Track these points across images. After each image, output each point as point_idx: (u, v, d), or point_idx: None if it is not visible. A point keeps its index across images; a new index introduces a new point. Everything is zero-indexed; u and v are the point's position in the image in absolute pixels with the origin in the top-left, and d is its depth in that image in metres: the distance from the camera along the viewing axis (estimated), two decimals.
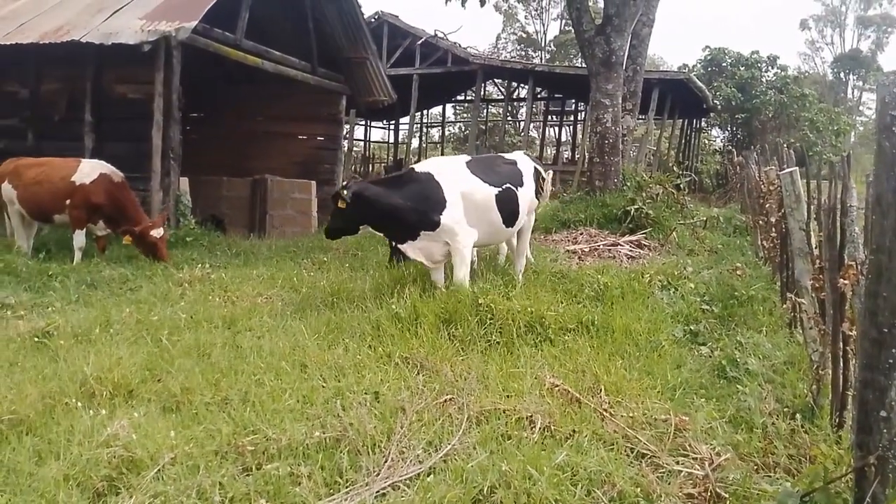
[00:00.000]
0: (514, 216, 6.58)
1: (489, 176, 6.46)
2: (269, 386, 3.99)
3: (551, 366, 4.53)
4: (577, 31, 13.90)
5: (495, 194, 6.37)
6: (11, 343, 4.72)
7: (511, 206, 6.51)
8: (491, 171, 6.60)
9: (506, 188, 6.46)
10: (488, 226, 6.39)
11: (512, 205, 6.52)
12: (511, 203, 6.52)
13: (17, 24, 9.85)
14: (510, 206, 6.48)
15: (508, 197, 6.48)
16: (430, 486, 2.81)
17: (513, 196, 6.55)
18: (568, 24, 51.20)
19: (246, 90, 14.29)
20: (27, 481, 2.91)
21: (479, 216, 6.28)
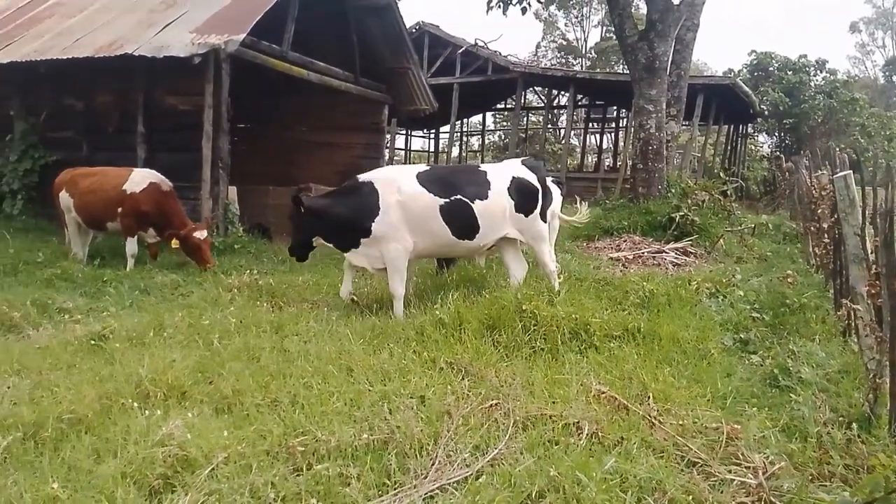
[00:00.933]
0: (468, 228, 6.34)
1: (439, 187, 6.32)
2: (316, 389, 4.06)
3: (597, 373, 4.50)
4: (619, 37, 13.80)
5: (440, 205, 6.24)
6: (69, 346, 4.89)
7: (463, 219, 6.30)
8: (445, 181, 6.43)
9: (455, 199, 6.26)
10: (433, 237, 6.32)
11: (464, 217, 6.30)
12: (462, 215, 6.30)
13: (73, 38, 10.24)
14: (461, 218, 6.29)
15: (458, 209, 6.27)
16: (478, 490, 2.82)
17: (464, 208, 6.30)
18: (609, 30, 50.91)
19: (290, 101, 14.56)
20: (87, 478, 3.00)
21: (420, 226, 6.24)
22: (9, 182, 10.55)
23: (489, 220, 6.39)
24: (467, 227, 6.35)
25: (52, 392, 3.91)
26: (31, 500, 2.79)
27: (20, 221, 10.18)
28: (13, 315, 5.57)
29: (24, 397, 3.85)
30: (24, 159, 10.52)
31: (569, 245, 10.37)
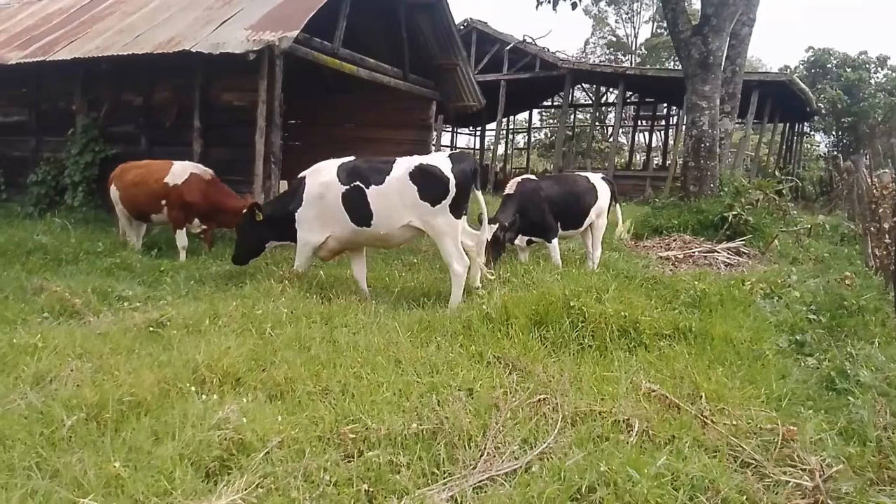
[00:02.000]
0: (363, 215, 6.49)
1: (347, 175, 6.59)
2: (366, 379, 4.11)
3: (646, 371, 4.45)
4: (672, 33, 13.57)
5: (342, 192, 6.52)
6: (128, 332, 5.05)
7: (358, 205, 6.48)
8: (354, 170, 6.65)
9: (354, 186, 6.49)
10: (341, 224, 6.60)
11: (358, 203, 6.48)
12: (357, 201, 6.48)
13: (134, 35, 10.56)
14: (356, 204, 6.47)
15: (355, 195, 6.48)
16: (528, 482, 2.82)
17: (360, 194, 6.47)
18: (660, 26, 50.05)
19: (339, 98, 14.75)
20: (146, 458, 3.10)
21: (331, 214, 6.60)
22: (71, 174, 10.95)
23: (384, 206, 6.44)
24: (362, 214, 6.51)
25: (112, 375, 4.05)
26: (94, 478, 2.90)
27: (81, 213, 10.55)
28: (75, 302, 5.78)
29: (86, 380, 4.00)
30: (86, 153, 10.91)
31: (617, 243, 10.23)
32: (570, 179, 8.93)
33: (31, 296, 5.90)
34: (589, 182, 8.49)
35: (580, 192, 8.29)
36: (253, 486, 2.75)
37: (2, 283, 6.19)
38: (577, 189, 8.33)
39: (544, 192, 7.97)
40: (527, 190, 7.95)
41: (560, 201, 8.04)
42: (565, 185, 8.40)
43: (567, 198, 8.14)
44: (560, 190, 8.19)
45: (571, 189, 8.30)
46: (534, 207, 7.86)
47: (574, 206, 8.17)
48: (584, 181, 8.53)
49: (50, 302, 5.71)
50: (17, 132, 12.50)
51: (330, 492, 2.75)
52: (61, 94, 11.79)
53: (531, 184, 8.11)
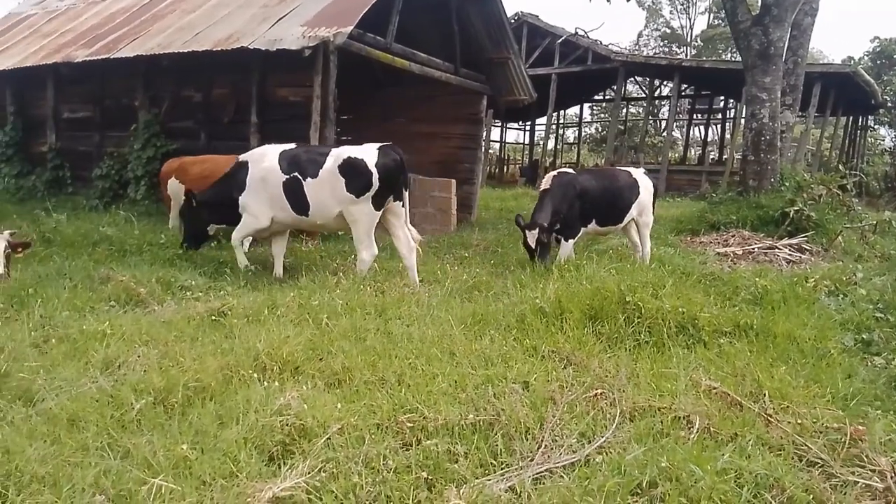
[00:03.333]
0: (301, 204, 6.92)
1: (288, 164, 6.93)
2: (421, 370, 4.14)
3: (706, 368, 4.37)
4: (731, 23, 13.20)
5: (283, 181, 6.92)
6: (192, 320, 5.20)
7: (296, 195, 6.90)
8: (294, 159, 6.98)
9: (292, 176, 6.89)
10: (284, 211, 7.01)
11: (296, 193, 6.90)
12: (295, 191, 6.90)
13: (193, 33, 10.84)
14: (295, 194, 6.89)
15: (293, 185, 6.88)
16: (588, 475, 2.80)
17: (297, 185, 6.89)
18: (717, 17, 48.75)
19: (391, 92, 14.84)
20: (212, 442, 3.20)
21: (273, 201, 6.98)
22: (133, 169, 11.32)
23: (318, 197, 6.87)
24: (300, 204, 6.93)
25: (178, 362, 4.18)
26: (163, 459, 3.01)
27: (143, 206, 10.90)
28: (140, 291, 5.99)
29: (153, 365, 4.15)
30: (147, 147, 11.25)
31: (672, 239, 10.05)
32: (609, 174, 8.69)
33: (99, 285, 6.14)
34: (631, 177, 8.31)
35: (620, 188, 8.11)
36: (315, 471, 2.81)
37: (71, 273, 6.44)
38: (616, 184, 8.14)
39: (579, 187, 7.79)
40: (562, 183, 7.79)
41: (597, 196, 7.88)
42: (604, 180, 8.20)
43: (605, 193, 7.97)
44: (598, 185, 8.00)
45: (611, 184, 8.12)
46: (567, 202, 7.68)
47: (613, 202, 8.01)
48: (625, 176, 8.34)
49: (116, 291, 5.93)
50: (82, 127, 12.98)
51: (390, 478, 2.79)
52: (124, 91, 12.18)
53: (567, 177, 7.94)
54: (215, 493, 2.73)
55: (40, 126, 13.47)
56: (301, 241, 8.85)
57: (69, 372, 4.05)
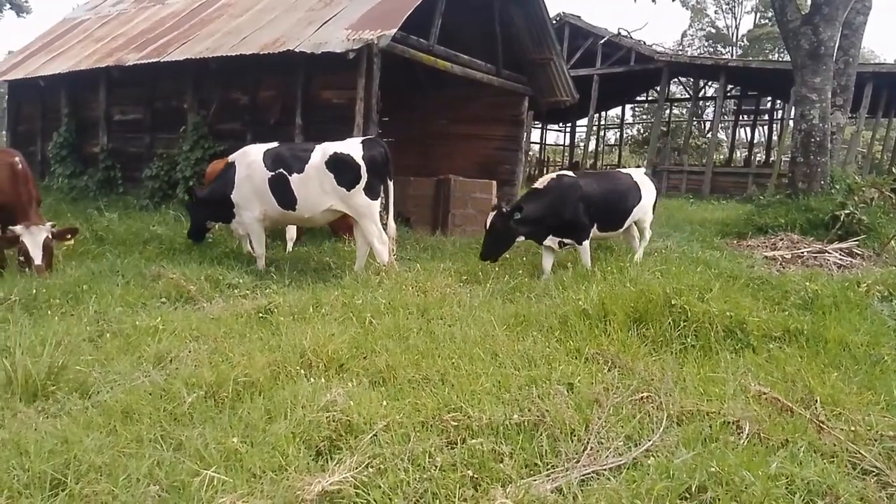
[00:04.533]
0: (287, 199, 7.17)
1: (272, 161, 7.21)
2: (464, 370, 4.15)
3: (755, 373, 4.28)
4: (780, 22, 12.92)
5: (269, 177, 7.18)
6: (240, 317, 5.32)
7: (282, 190, 7.15)
8: (278, 156, 7.25)
9: (278, 173, 7.16)
10: (271, 206, 7.27)
11: (282, 188, 7.16)
12: (281, 187, 7.16)
13: (241, 37, 11.06)
14: (282, 189, 7.15)
15: (279, 181, 7.16)
16: (635, 478, 2.78)
17: (283, 180, 7.16)
18: (764, 16, 47.69)
19: (431, 94, 14.91)
20: (261, 435, 3.26)
21: (261, 196, 7.26)
22: (182, 169, 11.59)
23: (305, 192, 7.12)
24: (287, 198, 7.17)
25: (227, 357, 4.29)
26: (214, 451, 3.08)
27: None
28: (190, 288, 6.15)
29: (203, 360, 4.25)
30: (196, 149, 11.52)
31: (718, 242, 9.87)
32: (611, 177, 8.38)
33: (150, 282, 6.32)
34: (632, 180, 8.05)
35: (623, 191, 7.85)
36: (362, 466, 2.84)
37: (123, 270, 6.63)
38: (619, 188, 7.88)
39: (582, 191, 7.47)
40: (563, 187, 7.48)
41: (600, 201, 7.58)
42: (606, 184, 7.91)
43: (608, 197, 7.69)
44: (600, 189, 7.69)
45: (613, 188, 7.85)
46: (569, 206, 7.37)
47: (615, 206, 7.77)
48: (627, 179, 8.08)
49: (167, 288, 6.09)
50: (133, 129, 13.35)
51: (436, 475, 2.80)
52: (174, 94, 12.49)
53: (568, 181, 7.60)
54: (265, 486, 2.79)
55: (93, 128, 13.90)
56: (343, 241, 8.95)
57: (123, 366, 4.18)
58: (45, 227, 6.47)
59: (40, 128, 15.04)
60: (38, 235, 6.40)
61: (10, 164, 6.87)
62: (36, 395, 3.76)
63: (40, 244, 6.38)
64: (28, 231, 6.38)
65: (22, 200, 6.76)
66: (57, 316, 5.15)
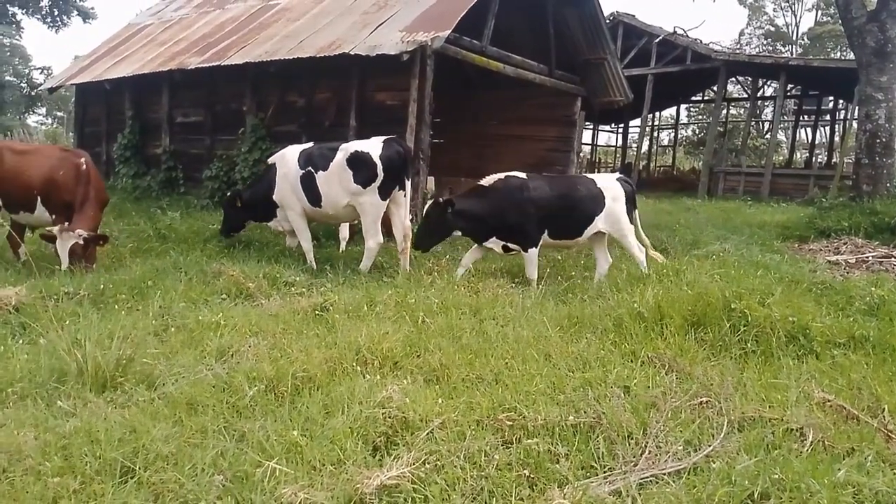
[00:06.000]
0: (314, 196, 7.48)
1: (304, 160, 7.54)
2: (517, 370, 4.16)
3: (818, 380, 4.15)
4: (844, 19, 12.49)
5: (300, 175, 7.53)
6: (297, 314, 5.43)
7: (310, 187, 7.48)
8: (310, 156, 7.57)
9: (307, 171, 7.48)
10: (304, 203, 7.59)
11: (310, 185, 7.48)
12: (309, 184, 7.48)
13: (298, 41, 11.30)
14: (309, 186, 7.48)
15: (308, 178, 7.49)
16: (696, 483, 2.74)
17: (311, 178, 7.48)
18: (826, 14, 46.13)
19: (483, 95, 14.93)
20: (320, 429, 3.33)
21: (297, 195, 7.60)
22: (241, 170, 11.91)
23: (328, 189, 7.42)
24: (314, 195, 7.49)
25: (285, 353, 4.38)
26: (276, 443, 3.16)
27: None
28: (249, 285, 6.31)
29: (263, 355, 4.36)
30: (254, 150, 11.82)
31: (778, 245, 9.60)
32: (568, 181, 7.85)
33: (211, 278, 6.50)
34: (595, 186, 7.44)
35: (580, 198, 7.29)
36: (419, 462, 2.88)
37: (186, 267, 6.85)
38: (576, 193, 7.33)
39: (529, 194, 7.04)
40: (509, 188, 7.10)
41: (551, 206, 7.13)
42: (561, 188, 7.38)
43: (561, 202, 7.21)
44: (552, 193, 7.22)
45: (568, 193, 7.31)
46: (513, 209, 7.01)
47: (570, 213, 7.26)
48: (588, 184, 7.48)
49: (227, 285, 6.27)
50: (195, 131, 13.79)
51: (493, 474, 2.82)
52: (233, 96, 12.84)
53: (516, 181, 7.17)
54: (325, 479, 2.85)
55: (155, 129, 14.40)
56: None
57: (187, 359, 4.32)
58: (74, 234, 6.77)
59: (105, 129, 15.65)
60: (68, 242, 6.75)
61: (76, 165, 7.21)
62: (105, 385, 3.91)
63: (66, 250, 6.75)
64: (61, 237, 6.76)
65: (78, 200, 7.08)
66: (124, 310, 5.34)
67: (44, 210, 7.29)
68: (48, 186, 7.22)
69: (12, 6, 35.46)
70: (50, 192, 7.22)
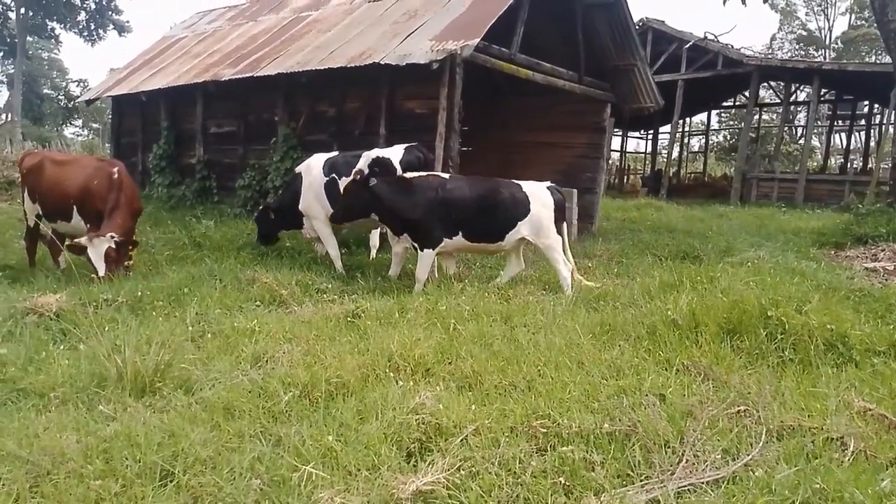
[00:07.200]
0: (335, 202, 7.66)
1: (329, 168, 7.84)
2: (550, 377, 4.15)
3: (858, 389, 4.07)
4: (879, 23, 12.27)
5: (324, 183, 7.84)
6: (329, 321, 5.49)
7: (334, 193, 7.69)
8: (335, 164, 7.89)
9: (331, 178, 7.76)
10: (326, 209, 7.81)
11: (334, 192, 7.69)
12: (333, 191, 7.72)
13: (329, 51, 11.43)
14: (333, 193, 7.71)
15: (332, 185, 7.77)
16: (734, 492, 2.70)
17: (335, 185, 7.72)
18: (860, 17, 45.29)
19: (512, 103, 14.91)
20: (354, 435, 3.36)
21: (321, 203, 7.87)
22: (272, 179, 12.06)
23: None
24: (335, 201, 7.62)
25: (319, 359, 4.43)
26: (312, 448, 3.19)
27: None
28: (282, 293, 6.40)
29: (297, 361, 4.41)
30: (286, 159, 11.96)
31: (814, 252, 9.43)
32: (489, 184, 7.49)
33: (245, 286, 6.61)
34: (520, 192, 7.27)
35: (499, 201, 7.15)
36: (454, 469, 2.88)
37: (220, 274, 6.96)
38: (495, 197, 7.19)
39: (444, 194, 6.99)
40: (425, 186, 7.06)
41: (465, 207, 7.05)
42: (480, 190, 7.23)
43: (479, 204, 7.10)
44: (470, 194, 7.12)
45: (488, 196, 7.19)
46: (420, 206, 6.97)
47: (488, 216, 7.13)
48: (512, 189, 7.30)
49: (261, 292, 6.36)
50: (228, 141, 13.99)
51: (528, 481, 2.81)
52: (266, 107, 13.01)
53: (435, 181, 7.15)
54: (360, 483, 2.87)
55: (190, 140, 14.65)
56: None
57: (223, 364, 4.39)
58: (106, 239, 6.85)
59: (141, 140, 15.96)
60: (101, 247, 6.81)
61: (109, 174, 7.38)
62: (144, 390, 3.99)
63: (102, 255, 6.79)
64: (91, 243, 6.81)
65: (109, 207, 7.22)
66: (161, 317, 5.46)
67: (79, 219, 7.47)
68: (83, 195, 7.40)
69: (51, 21, 36.51)
70: (85, 201, 7.40)
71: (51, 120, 44.30)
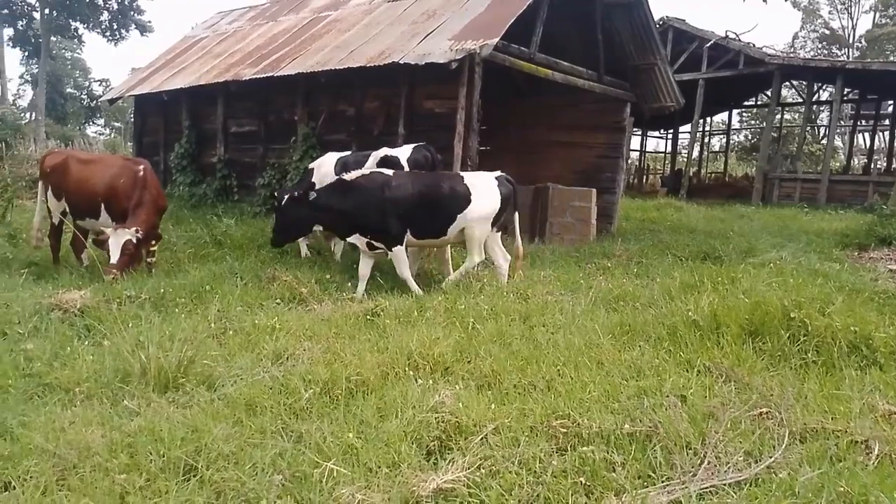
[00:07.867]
0: None
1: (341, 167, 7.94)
2: (570, 377, 4.14)
3: (883, 392, 4.02)
4: None
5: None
6: (349, 319, 5.52)
7: None
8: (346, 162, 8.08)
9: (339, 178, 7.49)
10: None
11: None
12: None
13: (348, 51, 11.47)
14: None
15: None
16: (757, 495, 2.68)
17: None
18: (883, 16, 44.60)
19: (531, 101, 14.87)
20: (375, 432, 3.38)
21: None
22: (292, 178, 12.13)
23: None
24: None
25: (339, 356, 4.46)
26: (333, 445, 3.22)
27: None
28: (302, 291, 6.45)
29: (318, 359, 4.45)
30: (305, 159, 12.02)
31: (837, 254, 9.31)
32: (432, 178, 7.41)
33: (266, 283, 6.66)
34: (462, 183, 7.12)
35: (440, 195, 7.01)
36: (474, 467, 2.89)
37: (241, 272, 7.03)
38: (436, 191, 7.04)
39: (390, 192, 6.88)
40: (370, 185, 6.94)
41: (410, 203, 6.91)
42: (422, 185, 7.08)
43: (421, 200, 6.96)
44: (413, 190, 6.98)
45: (428, 190, 7.04)
46: (373, 207, 6.84)
47: (429, 211, 6.99)
48: (454, 182, 7.17)
49: (281, 290, 6.42)
50: (248, 141, 14.11)
51: (548, 480, 2.81)
52: (285, 106, 13.11)
53: (380, 178, 7.00)
54: (381, 480, 2.89)
55: (211, 139, 14.79)
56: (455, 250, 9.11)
57: (245, 361, 4.43)
58: (129, 231, 6.89)
59: (163, 139, 16.13)
60: (121, 237, 6.82)
61: (134, 172, 7.47)
62: (167, 386, 4.04)
63: (119, 245, 6.79)
64: (114, 233, 6.86)
65: (133, 203, 7.31)
66: (183, 314, 5.52)
67: (108, 217, 7.58)
68: (110, 193, 7.50)
69: (74, 21, 36.99)
70: (111, 199, 7.50)
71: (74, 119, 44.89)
